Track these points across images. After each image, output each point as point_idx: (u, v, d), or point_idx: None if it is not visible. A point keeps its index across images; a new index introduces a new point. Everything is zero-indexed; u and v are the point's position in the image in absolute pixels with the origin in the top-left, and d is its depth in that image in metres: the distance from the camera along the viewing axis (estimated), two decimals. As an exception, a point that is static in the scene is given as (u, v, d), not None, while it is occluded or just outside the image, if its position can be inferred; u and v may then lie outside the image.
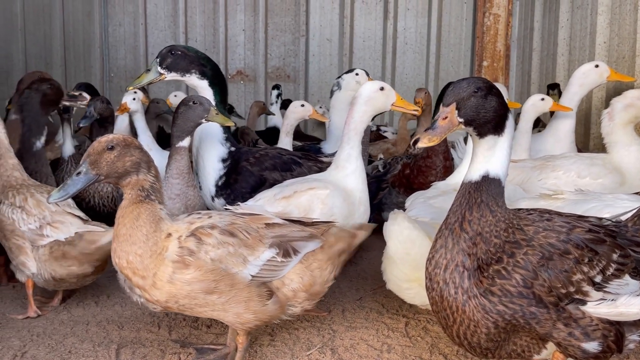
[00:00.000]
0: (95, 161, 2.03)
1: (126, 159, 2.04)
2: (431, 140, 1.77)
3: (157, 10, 7.01)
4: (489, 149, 1.85)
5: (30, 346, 2.47)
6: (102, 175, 2.04)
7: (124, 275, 2.11)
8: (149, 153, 2.17)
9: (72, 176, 2.05)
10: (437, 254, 1.94)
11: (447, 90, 1.84)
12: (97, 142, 2.04)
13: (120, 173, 2.04)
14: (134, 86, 3.17)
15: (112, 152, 2.03)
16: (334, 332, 2.66)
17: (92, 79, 7.03)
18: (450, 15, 6.83)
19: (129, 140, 2.08)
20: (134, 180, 2.07)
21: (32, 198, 2.78)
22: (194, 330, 2.66)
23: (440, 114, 1.80)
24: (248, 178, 3.16)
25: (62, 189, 2.04)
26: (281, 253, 2.19)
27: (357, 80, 4.44)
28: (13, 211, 2.75)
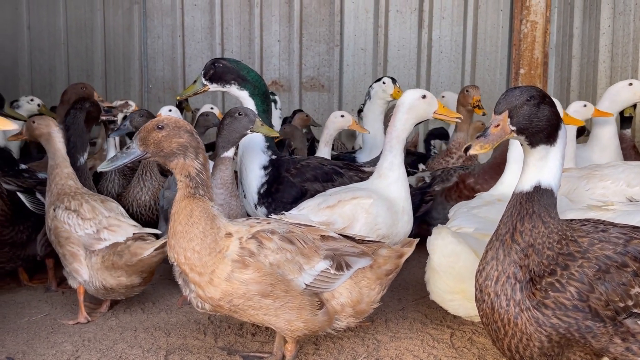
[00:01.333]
0: (145, 138, 2.10)
1: (173, 140, 2.09)
2: (483, 148, 1.76)
3: (194, 22, 7.16)
4: (540, 158, 1.83)
5: (82, 351, 2.54)
6: (149, 153, 2.10)
7: (181, 270, 2.15)
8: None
9: (122, 150, 2.14)
10: (487, 266, 1.93)
11: (499, 98, 1.83)
12: (150, 121, 2.11)
13: (167, 153, 2.09)
14: (182, 96, 3.32)
15: (160, 131, 2.09)
16: (378, 342, 2.65)
17: (131, 90, 7.22)
18: (486, 23, 6.78)
19: (180, 123, 2.13)
20: (180, 163, 2.10)
21: (87, 204, 2.86)
22: (239, 338, 2.69)
23: (492, 122, 1.79)
24: (289, 189, 3.19)
25: (112, 161, 2.14)
26: (335, 266, 2.21)
27: (383, 88, 4.46)
28: (69, 216, 2.82)
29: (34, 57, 7.08)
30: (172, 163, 2.11)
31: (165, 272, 3.58)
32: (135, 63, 7.22)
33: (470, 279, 2.40)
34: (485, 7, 6.76)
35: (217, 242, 2.10)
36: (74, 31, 7.10)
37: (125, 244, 2.78)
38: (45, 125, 3.04)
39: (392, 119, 2.94)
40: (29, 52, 7.06)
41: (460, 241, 2.40)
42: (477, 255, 2.40)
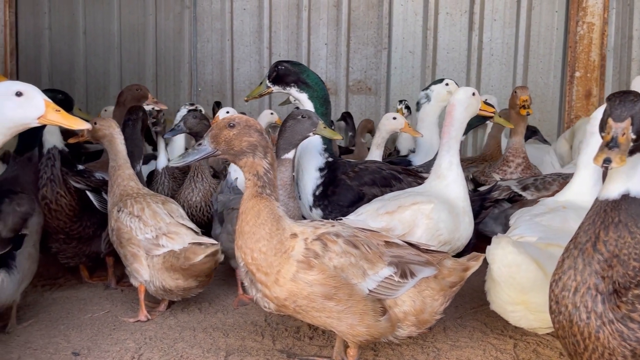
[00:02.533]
0: (216, 136, 2.13)
1: (244, 139, 2.11)
2: (622, 160, 1.63)
3: (243, 26, 7.24)
4: (632, 167, 1.75)
5: (144, 349, 2.58)
6: (220, 151, 2.13)
7: (248, 270, 2.16)
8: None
9: (193, 147, 2.17)
10: (564, 276, 1.85)
11: (612, 104, 1.73)
12: (221, 119, 2.14)
13: (236, 151, 2.11)
14: (249, 98, 3.42)
15: (232, 129, 2.11)
16: (438, 351, 2.60)
17: (180, 93, 7.36)
18: (540, 25, 6.59)
19: (251, 122, 2.15)
20: (249, 161, 2.12)
21: (148, 208, 2.90)
22: (296, 341, 2.69)
23: (617, 131, 1.68)
24: (346, 192, 3.17)
25: (183, 157, 2.19)
26: (399, 273, 2.19)
27: (448, 90, 4.38)
28: (131, 220, 2.87)
29: (89, 61, 7.29)
30: (241, 161, 2.13)
31: (220, 273, 3.61)
32: (185, 66, 7.34)
33: (533, 290, 2.33)
34: (539, 8, 6.58)
35: (283, 242, 2.10)
36: (127, 35, 7.28)
37: (182, 248, 2.81)
38: (107, 127, 3.12)
39: (448, 118, 2.94)
40: (84, 56, 7.28)
41: (521, 251, 2.32)
42: (540, 266, 2.32)
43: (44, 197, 3.03)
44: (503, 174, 4.01)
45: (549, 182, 3.54)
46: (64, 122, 2.05)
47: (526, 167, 4.02)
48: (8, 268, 2.53)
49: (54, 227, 3.13)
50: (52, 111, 2.04)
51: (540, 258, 2.30)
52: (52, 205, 3.06)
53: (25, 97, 2.02)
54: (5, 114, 1.99)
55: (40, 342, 2.64)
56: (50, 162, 3.02)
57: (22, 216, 2.60)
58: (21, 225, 2.60)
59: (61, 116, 2.05)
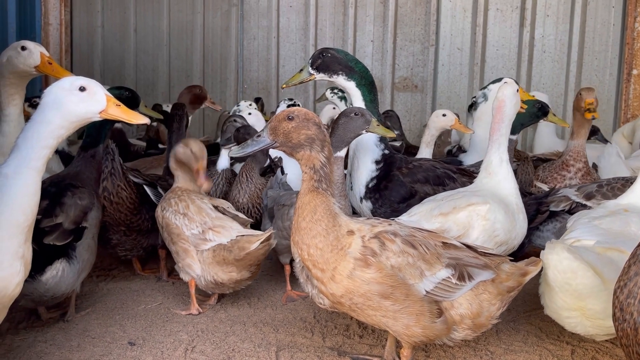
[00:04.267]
0: (275, 128, 2.13)
1: (302, 132, 2.11)
2: None
3: (289, 24, 7.27)
4: None
5: (197, 341, 2.63)
6: (278, 143, 2.14)
7: (305, 266, 2.17)
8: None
9: (253, 137, 2.21)
10: (630, 282, 1.77)
11: None
12: (281, 111, 2.16)
13: (294, 144, 2.12)
14: (288, 85, 3.34)
15: (291, 122, 2.11)
16: (491, 354, 2.54)
17: (226, 90, 7.46)
18: (596, 20, 6.36)
19: (310, 115, 2.15)
20: (306, 155, 2.12)
21: (193, 205, 2.94)
22: (346, 339, 2.68)
23: None
24: (399, 188, 3.15)
25: (242, 147, 2.22)
26: (456, 275, 2.15)
27: None
28: (176, 217, 2.92)
29: (138, 58, 7.48)
30: (298, 154, 2.14)
31: (268, 269, 3.64)
32: (231, 64, 7.45)
33: (590, 296, 2.25)
34: (594, 4, 6.35)
35: (339, 239, 2.09)
36: (175, 33, 7.43)
37: (233, 240, 2.84)
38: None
39: (498, 115, 2.91)
40: (134, 53, 7.47)
41: (577, 257, 2.24)
42: (597, 272, 2.23)
43: (105, 189, 3.12)
44: (562, 179, 3.82)
45: (618, 187, 3.21)
46: (124, 116, 2.11)
47: (586, 172, 3.82)
48: (69, 258, 2.62)
49: (115, 219, 3.23)
50: (113, 105, 2.10)
51: (597, 263, 2.22)
52: (113, 198, 3.15)
53: (88, 92, 2.08)
54: (69, 108, 2.06)
55: (98, 330, 2.72)
56: (110, 156, 3.11)
57: (83, 209, 2.69)
58: (82, 218, 2.69)
59: (121, 110, 2.10)
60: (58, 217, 2.58)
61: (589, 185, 3.37)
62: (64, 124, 2.08)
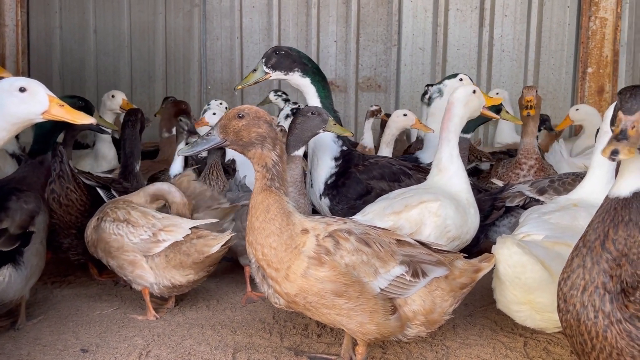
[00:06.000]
0: (225, 126, 2.12)
1: (252, 130, 2.10)
2: (630, 152, 1.60)
3: (252, 24, 7.24)
4: None
5: (152, 346, 2.59)
6: (228, 141, 2.13)
7: (259, 266, 2.16)
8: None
9: (202, 136, 2.18)
10: (573, 274, 1.82)
11: (623, 98, 1.70)
12: (231, 110, 2.15)
13: (245, 142, 2.11)
14: (242, 85, 3.32)
15: (241, 120, 2.11)
16: (447, 348, 2.58)
17: (190, 92, 7.38)
18: (552, 20, 6.52)
19: (260, 113, 2.14)
20: (258, 153, 2.11)
21: (135, 210, 2.85)
22: (304, 339, 2.68)
23: (627, 124, 1.65)
24: (355, 185, 3.18)
25: (191, 146, 2.20)
26: (410, 272, 2.17)
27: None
28: (119, 227, 2.81)
29: (99, 60, 7.34)
30: (249, 152, 2.13)
31: (228, 271, 3.62)
32: (194, 64, 7.37)
33: (539, 290, 2.31)
34: (550, 3, 6.51)
35: (293, 238, 2.09)
36: (137, 34, 7.32)
37: (190, 243, 2.80)
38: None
39: (448, 113, 2.95)
40: (95, 54, 7.32)
41: (526, 251, 2.30)
42: (546, 266, 2.29)
43: (53, 191, 3.06)
44: (516, 178, 3.87)
45: (569, 182, 3.32)
46: (68, 116, 2.06)
47: (539, 168, 3.88)
48: (16, 264, 2.55)
49: (65, 222, 3.16)
50: (56, 106, 2.05)
51: (546, 257, 2.27)
52: (62, 200, 3.09)
53: (29, 93, 2.03)
54: (9, 110, 2.00)
55: (49, 338, 2.66)
56: (58, 158, 3.04)
57: (29, 213, 2.61)
58: (28, 222, 2.61)
59: (65, 111, 2.06)
60: (3, 222, 2.50)
61: (542, 180, 3.45)
62: (5, 126, 2.02)
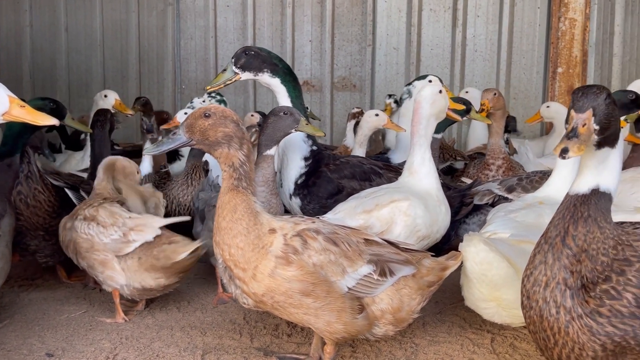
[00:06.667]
0: (191, 125, 2.10)
1: (219, 130, 2.08)
2: (580, 150, 1.64)
3: (226, 23, 7.19)
4: (602, 161, 1.75)
5: (120, 349, 2.56)
6: (194, 140, 2.11)
7: (227, 266, 2.15)
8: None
9: (169, 135, 2.16)
10: (535, 271, 1.86)
11: (575, 97, 1.74)
12: (197, 109, 2.13)
13: (212, 142, 2.09)
14: (212, 86, 3.28)
15: (207, 119, 2.09)
16: (416, 346, 2.60)
17: (164, 91, 7.30)
18: (523, 21, 6.62)
19: (227, 112, 2.13)
20: (225, 152, 2.10)
21: (104, 210, 2.82)
22: (275, 339, 2.67)
23: (578, 121, 1.68)
24: (326, 184, 3.18)
25: (157, 145, 2.18)
26: (378, 271, 2.18)
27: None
28: (89, 226, 2.79)
29: (71, 58, 7.21)
30: (216, 152, 2.12)
31: (201, 272, 3.59)
32: (168, 64, 7.29)
33: (505, 287, 2.35)
34: (521, 4, 6.60)
35: (261, 238, 2.09)
36: (109, 33, 7.21)
37: (160, 248, 2.77)
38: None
39: (416, 115, 2.95)
40: (66, 53, 7.19)
41: (492, 249, 2.34)
42: (512, 263, 2.33)
43: (20, 193, 3.01)
44: (486, 178, 3.92)
45: (536, 180, 3.39)
46: (29, 117, 2.02)
47: (507, 167, 3.94)
48: (-20, 268, 2.49)
49: (32, 223, 3.11)
50: (17, 107, 2.00)
51: (511, 255, 2.31)
52: (30, 201, 3.05)
53: (-13, 94, 1.98)
54: (-32, 112, 1.95)
55: (14, 343, 2.60)
56: (26, 159, 2.99)
57: None
58: None
59: (26, 112, 2.01)
60: (-34, 225, 2.45)
61: (511, 178, 3.51)
62: (-36, 128, 1.97)
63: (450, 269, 2.40)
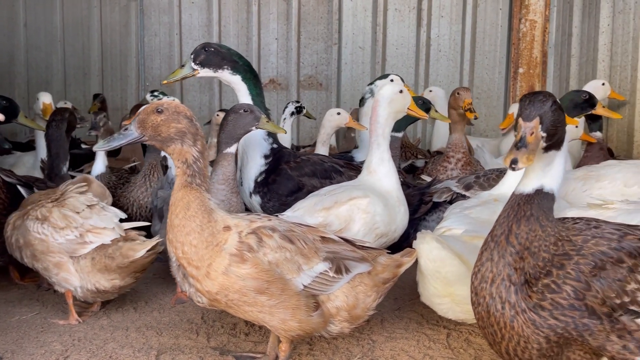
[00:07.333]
0: (143, 121, 2.07)
1: (172, 125, 2.06)
2: (529, 160, 1.67)
3: (191, 20, 7.11)
4: (548, 163, 1.80)
5: (72, 351, 2.50)
6: (146, 136, 2.08)
7: (180, 264, 2.12)
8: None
9: (120, 131, 2.11)
10: (483, 268, 1.89)
11: (523, 104, 1.77)
12: (150, 104, 2.09)
13: (164, 138, 2.07)
14: (169, 81, 3.24)
15: (160, 115, 2.06)
16: (373, 343, 2.62)
17: (128, 89, 7.18)
18: (485, 22, 6.73)
19: (180, 108, 2.10)
20: (177, 149, 2.08)
21: (59, 210, 2.75)
22: (232, 338, 2.66)
23: (526, 130, 1.72)
24: (286, 182, 3.18)
25: (107, 141, 2.13)
26: (334, 269, 2.19)
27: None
28: (42, 226, 2.71)
29: (30, 55, 7.02)
30: (169, 148, 2.09)
31: (159, 271, 3.54)
32: (132, 61, 7.17)
33: (457, 283, 2.40)
34: (484, 5, 6.72)
35: (215, 235, 2.07)
36: (70, 28, 7.05)
37: (116, 246, 2.73)
38: None
39: (374, 114, 2.97)
40: (25, 49, 7.00)
41: (445, 246, 2.39)
42: (464, 260, 2.38)
43: None
44: (444, 170, 4.02)
45: (493, 178, 3.46)
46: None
47: (466, 162, 4.03)
48: None
49: None
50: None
51: (464, 251, 2.35)
52: None
53: None
54: None
55: (-39, 347, 2.52)
56: None
57: None
58: None
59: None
60: None
61: (468, 176, 3.57)
62: None
63: (405, 265, 2.43)
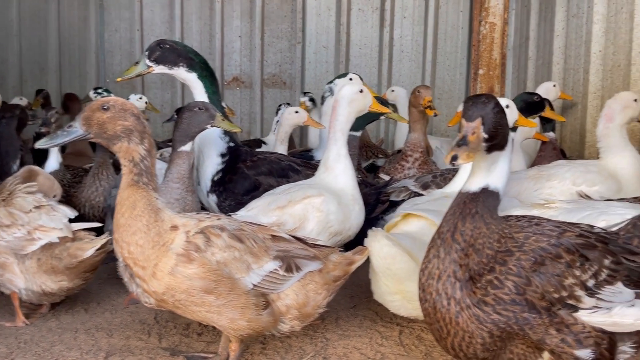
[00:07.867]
0: (88, 118, 2.03)
1: (118, 123, 2.03)
2: (469, 157, 1.71)
3: (153, 16, 7.01)
4: (492, 163, 1.84)
5: (17, 354, 2.43)
6: (92, 134, 2.04)
7: (126, 264, 2.09)
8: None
9: (63, 128, 2.07)
10: (430, 264, 1.92)
11: (466, 106, 1.81)
12: (96, 101, 2.05)
13: (110, 135, 2.03)
14: (122, 78, 3.19)
15: (105, 112, 2.03)
16: (327, 341, 2.63)
17: (87, 85, 7.01)
18: (447, 23, 6.84)
19: (127, 105, 2.07)
20: (124, 147, 2.05)
21: (5, 209, 2.68)
22: (184, 338, 2.63)
23: (468, 130, 1.76)
24: (243, 181, 3.16)
25: (51, 138, 2.08)
26: (284, 267, 2.18)
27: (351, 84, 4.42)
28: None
29: (-17, 49, 6.79)
30: (115, 146, 2.06)
31: (114, 272, 3.46)
32: (91, 57, 7.02)
33: (408, 279, 2.43)
34: (445, 7, 6.82)
35: (161, 235, 2.04)
36: (27, 22, 6.84)
37: (63, 246, 2.66)
38: None
39: (334, 112, 2.99)
40: (-22, 43, 6.77)
41: (395, 243, 2.42)
42: (413, 256, 2.41)
43: None
44: (402, 169, 4.07)
45: (450, 178, 3.45)
46: None
47: (423, 162, 4.09)
48: None
49: None
50: None
51: (413, 248, 2.38)
52: None
53: None
54: None
55: None
56: None
57: None
58: None
59: None
60: None
61: (426, 176, 3.63)
62: None
63: (356, 263, 2.44)
